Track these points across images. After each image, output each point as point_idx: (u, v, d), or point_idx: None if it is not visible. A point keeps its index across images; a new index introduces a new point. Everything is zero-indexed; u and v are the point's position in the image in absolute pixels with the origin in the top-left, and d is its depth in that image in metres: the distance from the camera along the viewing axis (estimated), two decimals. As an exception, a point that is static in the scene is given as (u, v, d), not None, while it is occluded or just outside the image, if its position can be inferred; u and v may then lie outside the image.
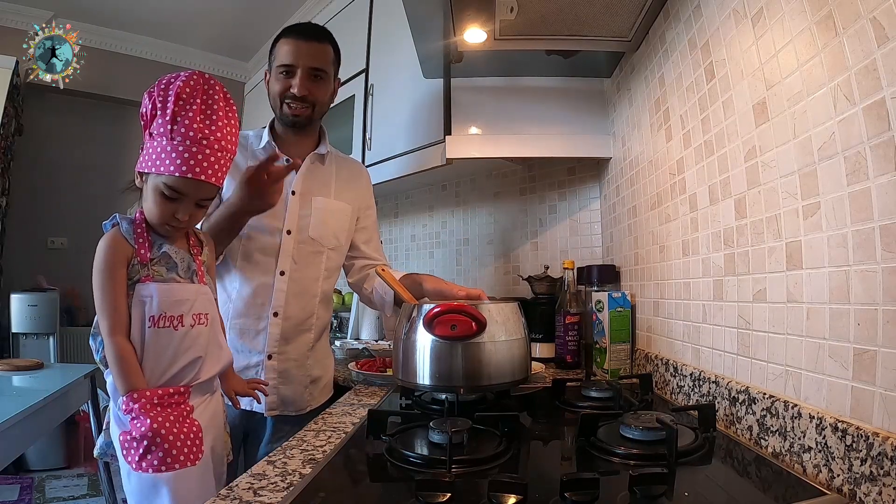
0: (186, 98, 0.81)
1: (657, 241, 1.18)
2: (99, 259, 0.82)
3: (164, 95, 0.82)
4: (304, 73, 1.18)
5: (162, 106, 0.81)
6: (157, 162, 0.81)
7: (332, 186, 1.28)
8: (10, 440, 1.40)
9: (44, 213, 3.63)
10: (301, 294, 1.21)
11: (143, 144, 0.85)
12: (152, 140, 0.82)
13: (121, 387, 0.80)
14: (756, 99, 0.78)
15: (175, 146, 0.80)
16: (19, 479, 2.73)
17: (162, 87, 0.82)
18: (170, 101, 0.81)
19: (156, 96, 0.82)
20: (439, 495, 0.56)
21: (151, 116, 0.83)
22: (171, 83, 0.82)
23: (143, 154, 0.83)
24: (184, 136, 0.80)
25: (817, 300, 0.65)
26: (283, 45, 1.19)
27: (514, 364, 0.95)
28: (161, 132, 0.81)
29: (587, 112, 1.56)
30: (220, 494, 0.61)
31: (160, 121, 0.81)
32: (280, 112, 1.22)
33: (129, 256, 0.83)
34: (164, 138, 0.81)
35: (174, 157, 0.80)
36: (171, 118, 0.80)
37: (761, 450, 0.73)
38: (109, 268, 0.81)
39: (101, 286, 0.81)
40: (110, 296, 0.81)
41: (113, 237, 0.83)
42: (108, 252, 0.82)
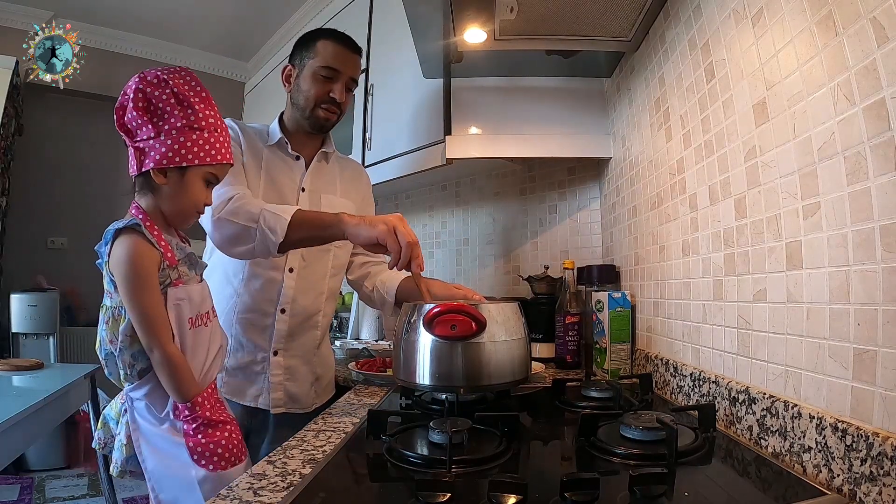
0: (187, 92, 0.83)
1: (657, 241, 1.18)
2: (130, 270, 0.79)
3: (165, 95, 0.82)
4: (345, 81, 1.19)
5: (175, 103, 0.82)
6: (200, 153, 0.83)
7: (338, 184, 1.30)
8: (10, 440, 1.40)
9: (44, 213, 3.63)
10: (308, 291, 1.22)
11: (141, 144, 0.83)
12: (175, 134, 0.82)
13: (181, 396, 0.80)
14: (756, 99, 0.78)
15: (206, 137, 0.84)
16: (19, 479, 2.73)
17: (154, 88, 0.82)
18: (181, 98, 0.82)
19: (153, 99, 0.81)
20: (439, 495, 0.56)
21: (155, 117, 0.82)
22: (162, 82, 0.82)
23: (161, 150, 0.82)
24: (205, 126, 0.84)
25: (817, 300, 0.65)
26: (329, 47, 1.18)
27: (514, 364, 0.95)
28: (182, 125, 0.82)
29: (587, 112, 1.56)
30: (220, 494, 0.61)
31: (178, 115, 0.82)
32: (311, 113, 1.20)
33: (159, 262, 0.82)
34: (190, 131, 0.83)
35: (207, 147, 0.84)
36: (189, 112, 0.82)
37: (761, 450, 0.73)
38: (145, 277, 0.79)
39: (140, 298, 0.79)
40: (153, 306, 0.79)
41: (139, 244, 0.81)
42: (139, 260, 0.79)
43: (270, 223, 0.98)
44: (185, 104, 0.82)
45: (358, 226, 0.96)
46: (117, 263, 0.79)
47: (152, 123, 0.82)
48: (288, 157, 1.23)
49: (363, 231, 0.96)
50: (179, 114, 0.82)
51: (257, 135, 1.22)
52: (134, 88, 0.81)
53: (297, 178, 1.23)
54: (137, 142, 0.83)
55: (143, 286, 0.79)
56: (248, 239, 1.00)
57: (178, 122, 0.82)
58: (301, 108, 1.20)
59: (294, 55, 1.23)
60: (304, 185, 1.23)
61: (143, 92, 0.81)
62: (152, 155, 0.82)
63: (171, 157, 0.82)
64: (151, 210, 0.86)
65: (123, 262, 0.79)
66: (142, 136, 0.82)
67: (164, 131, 0.82)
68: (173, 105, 0.82)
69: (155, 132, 0.82)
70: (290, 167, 1.23)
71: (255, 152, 1.18)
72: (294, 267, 1.19)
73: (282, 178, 1.20)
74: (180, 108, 0.82)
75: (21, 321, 3.14)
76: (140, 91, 0.81)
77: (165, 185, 0.84)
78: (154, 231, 0.84)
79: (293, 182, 1.22)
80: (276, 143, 1.22)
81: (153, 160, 0.82)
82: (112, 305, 0.82)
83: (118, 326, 0.81)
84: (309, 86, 1.18)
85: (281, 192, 1.19)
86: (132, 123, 0.82)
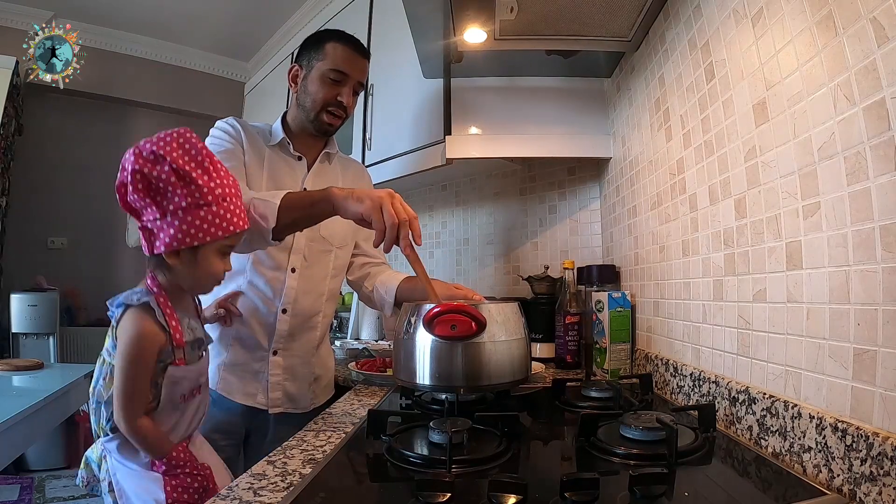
0: (187, 165, 0.79)
1: (657, 241, 1.18)
2: (131, 349, 0.78)
3: (164, 174, 0.77)
4: (353, 85, 1.19)
5: (176, 181, 0.77)
6: (211, 229, 0.80)
7: (340, 185, 1.29)
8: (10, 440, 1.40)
9: (44, 213, 3.63)
10: (310, 291, 1.22)
11: (149, 224, 0.79)
12: (182, 214, 0.78)
13: (156, 456, 0.81)
14: (756, 99, 0.78)
15: (215, 211, 0.80)
16: (19, 479, 2.73)
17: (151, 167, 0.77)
18: (181, 174, 0.78)
19: (153, 180, 0.77)
20: (439, 495, 0.56)
21: (158, 196, 0.78)
22: (159, 159, 0.77)
23: (170, 231, 0.78)
24: (212, 200, 0.80)
25: (817, 300, 0.65)
26: (339, 50, 1.17)
27: (514, 364, 0.95)
28: (187, 205, 0.78)
29: (587, 112, 1.56)
30: (220, 494, 0.61)
31: (181, 194, 0.78)
32: (316, 116, 1.19)
33: (164, 343, 0.81)
34: (196, 209, 0.79)
35: (217, 221, 0.80)
36: (193, 188, 0.78)
37: (761, 450, 0.73)
38: (143, 359, 0.79)
39: (129, 376, 0.78)
40: (137, 384, 0.79)
41: (147, 326, 0.79)
42: (141, 343, 0.79)
43: (261, 210, 0.96)
44: (186, 180, 0.78)
45: (346, 199, 0.92)
46: (122, 336, 0.80)
47: (156, 204, 0.78)
48: (290, 157, 1.23)
49: (350, 206, 0.92)
50: (183, 192, 0.77)
51: (260, 134, 1.22)
52: (131, 170, 0.76)
53: (299, 178, 1.23)
54: (145, 222, 0.80)
55: (135, 366, 0.79)
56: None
57: (183, 202, 0.78)
58: (307, 110, 1.20)
59: (301, 55, 1.22)
60: (306, 186, 1.23)
61: (140, 173, 0.76)
62: (161, 237, 0.79)
63: (181, 239, 0.79)
64: (167, 284, 0.85)
65: (127, 339, 0.79)
66: (148, 217, 0.79)
67: (169, 212, 0.78)
68: (174, 183, 0.77)
69: (160, 213, 0.78)
70: (293, 167, 1.23)
71: (258, 152, 1.18)
72: (296, 267, 1.19)
73: (284, 178, 1.20)
74: (183, 184, 0.77)
75: (21, 321, 3.14)
76: (137, 172, 0.76)
77: (178, 265, 0.82)
78: (167, 308, 0.82)
79: (295, 182, 1.22)
80: (278, 143, 1.21)
81: (163, 243, 0.79)
82: (111, 363, 0.82)
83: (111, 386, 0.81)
84: (317, 88, 1.17)
85: None
86: (136, 204, 0.78)
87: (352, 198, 0.92)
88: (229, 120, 1.20)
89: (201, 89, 3.98)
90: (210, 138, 1.16)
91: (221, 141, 1.15)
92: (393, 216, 0.88)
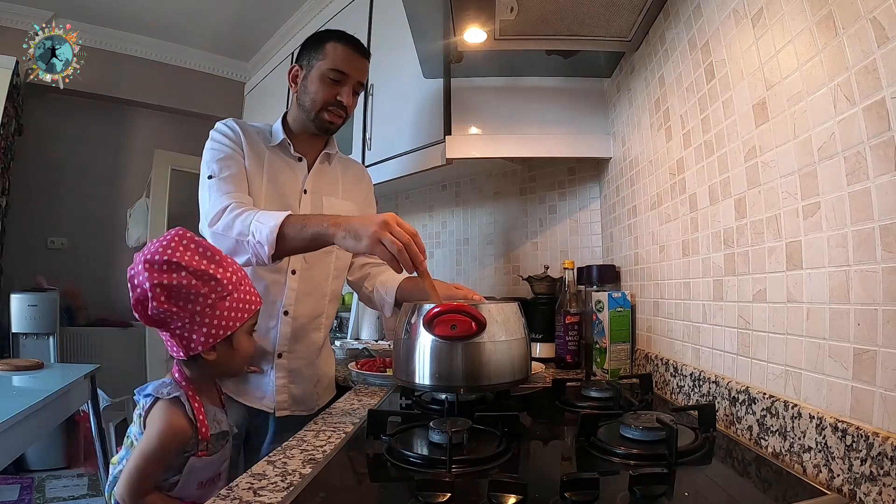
0: (200, 264, 0.81)
1: (657, 241, 1.18)
2: (156, 442, 0.80)
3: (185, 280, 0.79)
4: (353, 85, 1.19)
5: (197, 282, 0.80)
6: (239, 314, 0.85)
7: (340, 186, 1.29)
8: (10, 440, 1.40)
9: (44, 213, 3.63)
10: (311, 293, 1.22)
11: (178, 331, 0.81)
12: (210, 311, 0.81)
13: None
14: (756, 99, 0.78)
15: (237, 297, 0.84)
16: (19, 479, 2.72)
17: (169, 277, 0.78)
18: (199, 274, 0.80)
19: (173, 289, 0.78)
20: (439, 495, 0.56)
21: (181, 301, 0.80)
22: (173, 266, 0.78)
23: (203, 331, 0.81)
24: (231, 288, 0.83)
25: (817, 300, 0.65)
26: (338, 50, 1.17)
27: (514, 364, 0.95)
28: (213, 300, 0.82)
29: (587, 112, 1.56)
30: (220, 494, 0.61)
31: (205, 293, 0.80)
32: (316, 115, 1.19)
33: (189, 438, 0.82)
34: (221, 301, 0.83)
35: (241, 305, 0.85)
36: (213, 283, 0.81)
37: (761, 450, 0.73)
38: (166, 454, 0.81)
39: (146, 463, 0.79)
40: (151, 471, 0.80)
41: (176, 421, 0.81)
42: (168, 439, 0.80)
43: (260, 236, 0.97)
44: (205, 278, 0.80)
45: (344, 238, 0.92)
46: (150, 426, 0.81)
47: (183, 310, 0.80)
48: (290, 158, 1.22)
49: (350, 244, 0.92)
50: (206, 290, 0.80)
51: (259, 135, 1.21)
52: (150, 285, 0.77)
53: (299, 179, 1.23)
54: (173, 330, 0.81)
55: (155, 459, 0.80)
56: (243, 251, 1.00)
57: (209, 300, 0.81)
58: (307, 109, 1.20)
59: (301, 55, 1.22)
60: (307, 187, 1.22)
61: (160, 286, 0.78)
62: (195, 339, 0.81)
63: (215, 334, 0.82)
64: (197, 378, 0.87)
65: (155, 432, 0.80)
66: (176, 325, 0.81)
67: (196, 313, 0.80)
68: (196, 285, 0.79)
69: (189, 317, 0.80)
70: (293, 168, 1.22)
71: (257, 153, 1.18)
72: (297, 269, 1.19)
73: (284, 179, 1.20)
74: (202, 283, 0.80)
75: (21, 321, 3.14)
76: (157, 286, 0.77)
77: (216, 357, 0.85)
78: (195, 402, 0.84)
79: (295, 183, 1.22)
80: (278, 144, 1.21)
81: (199, 343, 0.82)
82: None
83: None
84: (316, 88, 1.17)
85: (283, 194, 1.19)
86: (160, 316, 0.80)
87: (350, 236, 0.92)
88: (228, 122, 1.19)
89: (201, 89, 3.97)
90: (210, 142, 1.16)
91: (221, 146, 1.15)
92: (395, 243, 0.88)
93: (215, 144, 1.15)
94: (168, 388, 0.83)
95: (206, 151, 1.15)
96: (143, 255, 0.79)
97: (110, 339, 3.57)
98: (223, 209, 1.04)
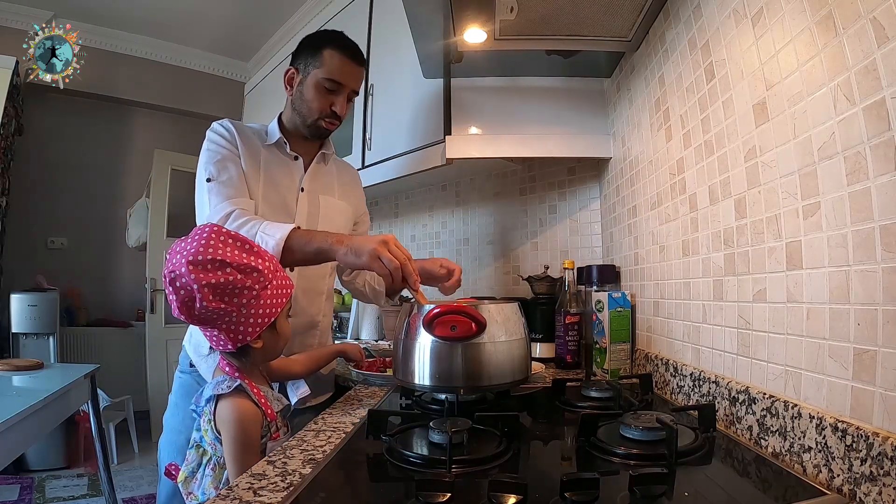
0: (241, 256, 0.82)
1: (657, 241, 1.18)
2: (239, 432, 0.82)
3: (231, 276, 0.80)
4: (347, 94, 1.20)
5: (241, 276, 0.81)
6: (279, 299, 0.86)
7: (336, 187, 1.30)
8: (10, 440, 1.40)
9: (44, 213, 3.63)
10: (309, 291, 1.22)
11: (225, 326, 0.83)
12: (255, 301, 0.83)
13: None
14: (756, 99, 0.78)
15: (276, 284, 0.86)
16: (19, 479, 2.72)
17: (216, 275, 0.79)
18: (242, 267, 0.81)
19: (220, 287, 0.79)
20: (439, 495, 0.56)
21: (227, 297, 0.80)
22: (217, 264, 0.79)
23: (251, 321, 0.83)
24: (270, 276, 0.85)
25: (817, 300, 0.65)
26: (336, 59, 1.17)
27: (514, 364, 0.95)
28: (258, 290, 0.83)
29: (587, 112, 1.56)
30: (220, 494, 0.61)
31: (249, 285, 0.82)
32: (313, 122, 1.20)
33: (262, 421, 0.85)
34: (264, 290, 0.84)
35: (281, 291, 0.86)
36: (256, 275, 0.83)
37: (761, 450, 0.73)
38: (250, 441, 0.82)
39: (242, 460, 0.80)
40: (250, 463, 0.80)
41: (247, 407, 0.84)
42: (247, 426, 0.82)
43: (266, 247, 0.99)
44: (248, 270, 0.82)
45: (346, 255, 0.98)
46: (225, 424, 0.82)
47: (230, 305, 0.81)
48: (286, 157, 1.23)
49: (350, 259, 0.98)
50: (251, 283, 0.82)
51: (255, 135, 1.22)
52: (197, 287, 0.77)
53: (296, 178, 1.23)
54: (220, 325, 0.83)
55: (247, 450, 0.82)
56: None
57: (254, 291, 0.82)
58: (302, 115, 1.21)
59: (298, 58, 1.22)
60: (304, 186, 1.23)
61: (209, 286, 0.78)
62: (243, 330, 0.83)
63: (262, 323, 0.84)
64: (247, 367, 0.89)
65: (233, 426, 0.82)
66: (224, 321, 0.82)
67: (243, 305, 0.82)
68: (241, 279, 0.81)
69: (236, 311, 0.82)
70: (290, 167, 1.23)
71: (253, 153, 1.18)
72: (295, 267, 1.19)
73: (281, 178, 1.20)
74: (247, 276, 0.81)
75: (21, 321, 3.14)
76: (206, 286, 0.78)
77: (262, 344, 0.87)
78: (254, 389, 0.86)
79: (292, 182, 1.22)
80: (274, 143, 1.22)
81: (248, 334, 0.84)
82: (217, 455, 0.85)
83: (223, 474, 0.84)
84: (312, 96, 1.18)
85: (280, 193, 1.19)
86: (208, 315, 0.80)
87: (351, 253, 0.97)
88: (223, 122, 1.20)
89: (201, 89, 3.98)
90: (206, 143, 1.17)
91: (218, 147, 1.15)
92: (391, 260, 0.93)
93: (211, 146, 1.16)
94: (225, 382, 0.84)
95: (203, 153, 1.15)
96: (185, 257, 0.79)
97: (110, 339, 3.58)
98: (227, 215, 1.05)
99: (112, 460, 2.94)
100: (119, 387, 3.11)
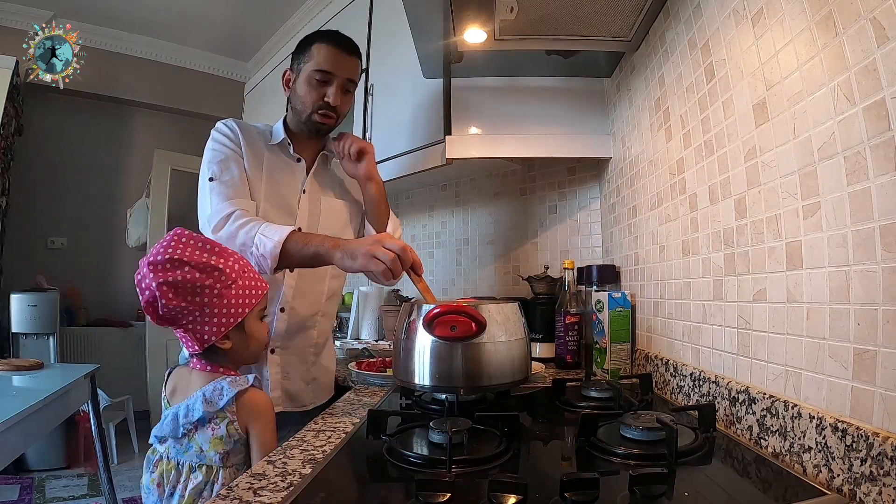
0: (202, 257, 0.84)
1: (657, 241, 1.18)
2: (272, 418, 0.89)
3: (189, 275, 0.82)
4: (339, 83, 1.18)
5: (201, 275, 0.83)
6: (246, 300, 0.88)
7: (337, 188, 1.30)
8: (10, 440, 1.40)
9: (44, 213, 3.63)
10: (308, 291, 1.22)
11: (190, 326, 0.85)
12: (217, 300, 0.85)
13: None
14: (756, 99, 0.78)
15: (241, 284, 0.88)
16: (19, 479, 2.72)
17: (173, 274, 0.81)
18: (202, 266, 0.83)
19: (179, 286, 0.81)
20: (439, 495, 0.56)
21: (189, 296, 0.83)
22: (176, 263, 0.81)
23: (213, 321, 0.85)
24: (235, 276, 0.86)
25: (817, 300, 0.65)
26: (323, 50, 1.16)
27: (514, 364, 0.95)
28: (219, 290, 0.85)
29: (587, 112, 1.56)
30: (220, 494, 0.61)
31: (210, 284, 0.84)
32: (308, 118, 1.19)
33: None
34: (227, 290, 0.86)
35: (247, 291, 0.88)
36: (217, 273, 0.84)
37: (761, 450, 0.73)
38: (274, 421, 0.90)
39: (274, 437, 0.88)
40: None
41: (262, 396, 0.90)
42: (272, 412, 0.90)
43: (264, 250, 1.02)
44: (208, 269, 0.83)
45: (342, 259, 0.99)
46: (258, 412, 0.87)
47: (191, 304, 0.83)
48: (289, 158, 1.23)
49: (347, 263, 0.99)
50: (211, 282, 0.83)
51: (260, 135, 1.22)
52: (155, 286, 0.80)
53: (298, 180, 1.23)
54: (185, 325, 0.84)
55: (276, 433, 0.90)
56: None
57: (215, 290, 0.83)
58: (298, 112, 1.20)
59: (293, 59, 1.22)
60: (306, 187, 1.23)
61: (166, 284, 0.80)
62: (208, 330, 0.85)
63: (227, 323, 0.86)
64: (230, 364, 0.92)
65: (265, 411, 0.88)
66: (188, 320, 0.84)
67: (205, 304, 0.83)
68: (200, 277, 0.82)
69: (198, 310, 0.83)
70: (292, 169, 1.23)
71: (256, 153, 1.18)
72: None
73: (283, 179, 1.20)
74: (206, 275, 0.83)
75: (21, 321, 3.14)
76: (163, 285, 0.80)
77: (232, 344, 0.88)
78: (256, 381, 0.90)
79: (295, 184, 1.22)
80: (278, 143, 1.22)
81: (212, 334, 0.85)
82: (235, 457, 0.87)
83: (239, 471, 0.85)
84: (304, 90, 1.17)
85: (282, 194, 1.19)
86: (171, 313, 0.82)
87: (347, 256, 0.98)
88: (228, 122, 1.20)
89: (201, 89, 3.98)
90: (210, 142, 1.17)
91: (222, 146, 1.15)
92: (388, 254, 0.94)
93: (215, 145, 1.16)
94: (238, 382, 0.87)
95: (207, 152, 1.15)
96: (147, 259, 0.82)
97: (110, 339, 3.58)
98: (227, 216, 1.05)
99: (112, 460, 2.94)
100: (119, 387, 3.11)
